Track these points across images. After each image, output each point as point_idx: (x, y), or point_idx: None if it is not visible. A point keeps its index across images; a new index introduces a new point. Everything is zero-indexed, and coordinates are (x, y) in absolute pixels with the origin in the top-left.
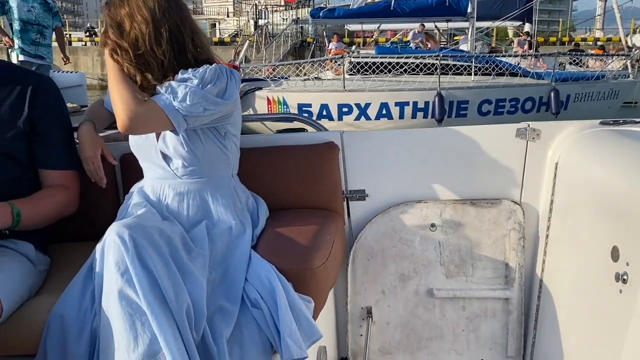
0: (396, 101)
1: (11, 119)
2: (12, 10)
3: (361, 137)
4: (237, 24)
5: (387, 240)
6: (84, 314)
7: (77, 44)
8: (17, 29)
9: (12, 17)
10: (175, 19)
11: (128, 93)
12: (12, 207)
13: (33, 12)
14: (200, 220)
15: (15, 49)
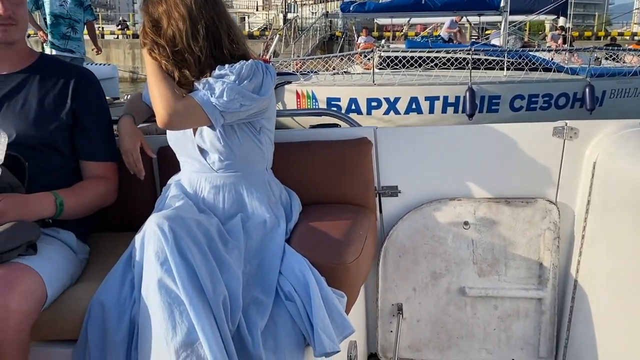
0: (426, 96)
1: (55, 111)
2: (45, 4)
3: (395, 133)
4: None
5: (419, 237)
6: (124, 302)
7: (109, 37)
8: (48, 23)
9: (43, 11)
10: (211, 14)
11: (167, 90)
12: (56, 196)
13: (65, 6)
14: (236, 214)
15: (50, 44)
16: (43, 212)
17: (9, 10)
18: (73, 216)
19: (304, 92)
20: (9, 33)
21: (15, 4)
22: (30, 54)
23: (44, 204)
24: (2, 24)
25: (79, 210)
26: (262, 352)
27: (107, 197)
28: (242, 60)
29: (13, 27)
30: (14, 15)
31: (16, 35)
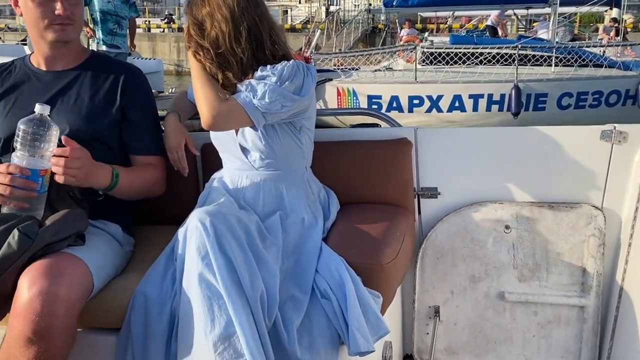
0: (470, 93)
1: (105, 107)
2: (93, 1)
3: (435, 134)
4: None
5: (458, 240)
6: (165, 294)
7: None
8: (96, 19)
9: (92, 8)
10: (253, 16)
11: (211, 92)
12: (113, 169)
13: (112, 3)
14: (275, 211)
15: (98, 40)
16: (100, 180)
17: (68, 11)
18: (125, 195)
19: (344, 89)
20: (67, 32)
21: (73, 4)
22: (82, 52)
23: (104, 171)
24: (61, 23)
25: (131, 190)
26: (297, 349)
27: (157, 185)
28: (284, 61)
29: (70, 27)
30: (72, 15)
31: (73, 34)
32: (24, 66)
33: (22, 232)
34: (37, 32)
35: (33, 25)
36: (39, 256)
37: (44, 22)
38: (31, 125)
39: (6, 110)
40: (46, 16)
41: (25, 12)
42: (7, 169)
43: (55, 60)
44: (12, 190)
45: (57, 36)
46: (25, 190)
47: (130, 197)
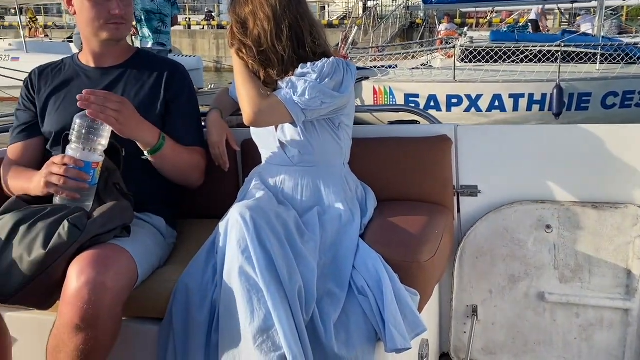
0: (510, 93)
1: (150, 101)
2: (137, 0)
3: (476, 131)
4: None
5: (498, 239)
6: (206, 285)
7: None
8: (141, 18)
9: (136, 7)
10: (294, 14)
11: (253, 90)
12: (161, 133)
13: (155, 2)
14: (312, 206)
15: (142, 38)
16: (146, 136)
17: (123, 10)
18: (166, 166)
19: (380, 88)
20: (120, 31)
21: (127, 4)
22: (128, 49)
23: (151, 130)
24: (116, 22)
25: (174, 163)
26: (335, 344)
27: (197, 170)
28: (324, 58)
29: (124, 26)
30: (125, 15)
31: (125, 33)
32: (73, 64)
33: (72, 224)
34: (91, 31)
35: (87, 24)
36: (87, 247)
37: (99, 22)
38: (86, 119)
39: (57, 105)
40: (102, 16)
41: (80, 11)
42: (62, 160)
43: (104, 58)
44: (66, 180)
45: (112, 35)
46: (77, 181)
47: (170, 172)
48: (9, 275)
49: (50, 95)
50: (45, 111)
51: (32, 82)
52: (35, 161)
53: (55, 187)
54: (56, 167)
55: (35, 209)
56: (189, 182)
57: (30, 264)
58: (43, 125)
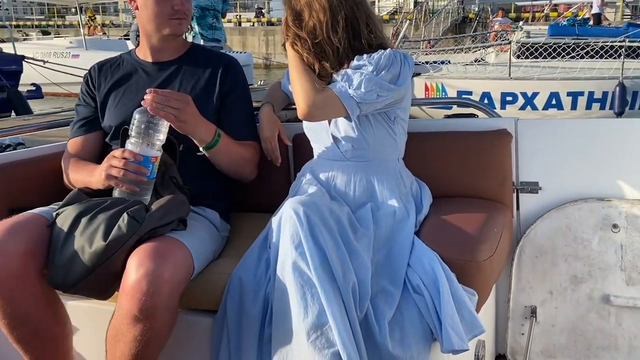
0: (569, 91)
1: (206, 96)
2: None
3: (538, 125)
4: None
5: (559, 238)
6: (259, 279)
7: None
8: (195, 15)
9: None
10: (351, 5)
11: (308, 83)
12: (217, 129)
13: None
14: (366, 202)
15: (194, 34)
16: (204, 132)
17: (185, 6)
18: (221, 160)
19: (432, 84)
20: (182, 26)
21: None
22: (184, 44)
23: (207, 127)
24: (179, 17)
25: (228, 157)
26: (389, 342)
27: (251, 165)
28: (381, 50)
29: (184, 21)
30: (187, 10)
31: (185, 28)
32: (130, 59)
33: (131, 216)
34: (153, 26)
35: (150, 20)
36: (145, 239)
37: (162, 17)
38: (146, 114)
39: (116, 100)
40: (165, 11)
41: (143, 6)
42: (122, 154)
43: (161, 52)
44: (126, 173)
45: (174, 30)
46: (136, 174)
47: (225, 166)
48: (71, 266)
49: (110, 91)
50: (105, 106)
51: (91, 77)
52: (95, 154)
53: (115, 180)
54: (116, 161)
55: (96, 201)
56: (243, 175)
57: (90, 255)
58: (103, 120)
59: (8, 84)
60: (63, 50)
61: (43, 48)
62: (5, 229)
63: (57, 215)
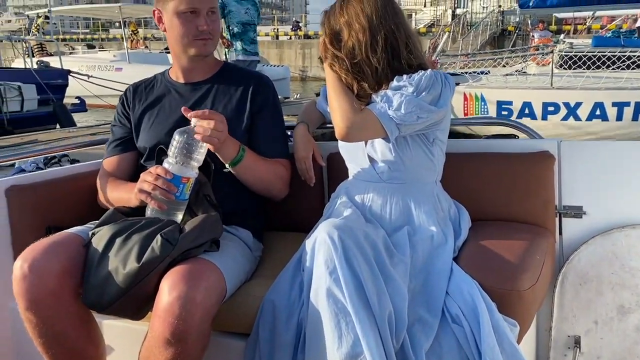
0: (614, 101)
1: (238, 114)
2: (232, 14)
3: (582, 147)
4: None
5: (605, 266)
6: (293, 303)
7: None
8: (237, 31)
9: (231, 20)
10: (390, 25)
11: (346, 103)
12: (241, 145)
13: (249, 13)
14: (402, 226)
15: (238, 50)
16: (228, 150)
17: (210, 26)
18: (249, 176)
19: (472, 94)
20: (207, 47)
21: (213, 20)
22: (216, 64)
23: (232, 143)
24: (204, 38)
25: (254, 173)
26: None
27: (281, 181)
28: (421, 71)
29: (210, 41)
30: (212, 31)
31: (212, 48)
32: (164, 80)
33: (165, 238)
34: (180, 47)
35: (177, 41)
36: (178, 261)
37: (188, 38)
38: (184, 135)
39: (150, 122)
40: (190, 32)
41: (169, 28)
42: (156, 170)
43: (193, 73)
44: (155, 188)
45: (199, 50)
46: (165, 191)
47: (253, 183)
48: (105, 287)
49: (144, 112)
50: (140, 127)
51: (126, 99)
52: (129, 174)
53: (145, 194)
54: (149, 176)
55: (131, 221)
56: (272, 193)
57: (124, 276)
58: (137, 141)
59: (54, 98)
60: (107, 64)
61: (88, 61)
62: (43, 249)
63: (92, 235)
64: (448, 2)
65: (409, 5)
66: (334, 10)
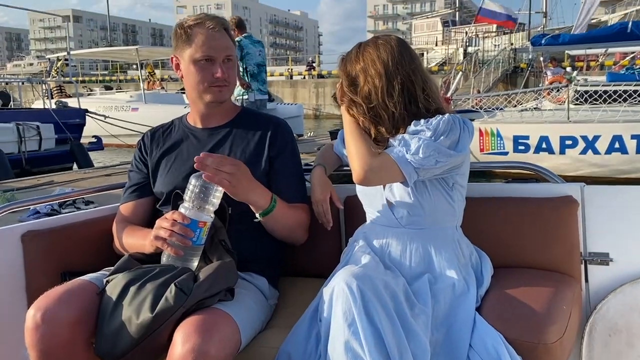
0: (633, 133)
1: (256, 159)
2: (249, 55)
3: (606, 191)
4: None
5: (636, 316)
6: (309, 355)
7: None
8: (254, 72)
9: (248, 62)
10: (407, 70)
11: (364, 147)
12: (273, 195)
13: (262, 55)
14: (422, 273)
15: (254, 90)
16: (260, 198)
17: (225, 74)
18: (275, 226)
19: (487, 129)
20: (223, 93)
21: (229, 67)
22: (233, 109)
23: (264, 192)
24: (219, 85)
25: (283, 221)
26: None
27: (302, 229)
28: (439, 115)
29: (226, 88)
30: (228, 78)
31: (227, 94)
32: (181, 125)
33: (179, 288)
34: (197, 94)
35: (193, 87)
36: (192, 311)
37: (204, 85)
38: (200, 180)
39: (168, 166)
40: (206, 79)
41: (186, 75)
42: (172, 215)
43: (210, 118)
44: (172, 234)
45: (215, 97)
46: (182, 237)
47: (278, 231)
48: (118, 336)
49: (162, 157)
50: (157, 172)
51: (144, 144)
52: (146, 220)
53: (162, 241)
54: (165, 222)
55: (145, 269)
56: (294, 240)
57: (138, 327)
58: (154, 186)
59: (72, 137)
60: (124, 104)
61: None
62: (56, 298)
63: (107, 283)
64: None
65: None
66: (351, 56)
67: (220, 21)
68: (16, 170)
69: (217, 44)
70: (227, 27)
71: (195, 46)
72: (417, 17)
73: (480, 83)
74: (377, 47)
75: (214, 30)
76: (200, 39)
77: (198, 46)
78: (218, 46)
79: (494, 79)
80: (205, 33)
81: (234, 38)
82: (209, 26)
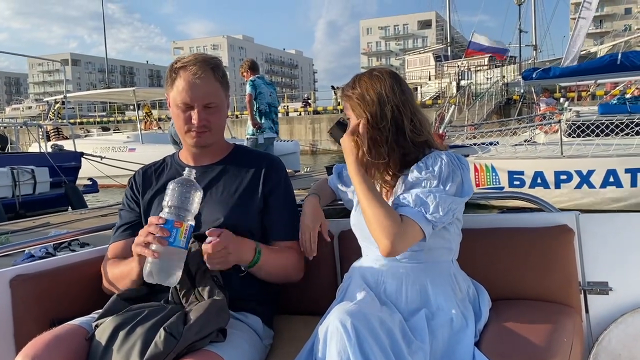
0: (627, 167)
1: (250, 197)
2: (262, 95)
3: (602, 219)
4: (438, 87)
5: (638, 346)
6: None
7: (293, 114)
8: (266, 111)
9: (260, 101)
10: (397, 102)
11: (384, 215)
12: (256, 244)
13: (273, 96)
14: (419, 308)
15: (265, 129)
16: (245, 255)
17: (203, 120)
18: (265, 273)
19: (482, 165)
20: (203, 139)
21: (210, 112)
22: (226, 147)
23: (248, 247)
24: (197, 131)
25: (270, 268)
26: None
27: (295, 270)
28: (438, 158)
29: (207, 134)
30: (208, 123)
31: (209, 140)
32: (174, 163)
33: (168, 332)
34: (181, 135)
35: (178, 129)
36: (183, 354)
37: (184, 128)
38: (178, 184)
39: (160, 205)
40: (185, 124)
41: (172, 116)
42: (150, 220)
43: (201, 157)
44: (148, 234)
45: (195, 142)
46: (159, 237)
47: (270, 277)
48: None
49: (154, 196)
50: (149, 211)
51: (136, 182)
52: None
53: (141, 247)
54: (145, 227)
55: (134, 312)
56: (288, 280)
57: None
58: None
59: (67, 179)
60: (121, 145)
61: (102, 143)
62: (45, 343)
63: (96, 327)
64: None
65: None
66: (348, 87)
67: (206, 65)
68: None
69: (195, 92)
70: (215, 69)
71: (176, 90)
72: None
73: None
74: (371, 78)
75: (194, 77)
76: (181, 85)
77: (178, 91)
78: (196, 94)
79: (488, 111)
80: (187, 79)
81: (226, 78)
82: (192, 71)
